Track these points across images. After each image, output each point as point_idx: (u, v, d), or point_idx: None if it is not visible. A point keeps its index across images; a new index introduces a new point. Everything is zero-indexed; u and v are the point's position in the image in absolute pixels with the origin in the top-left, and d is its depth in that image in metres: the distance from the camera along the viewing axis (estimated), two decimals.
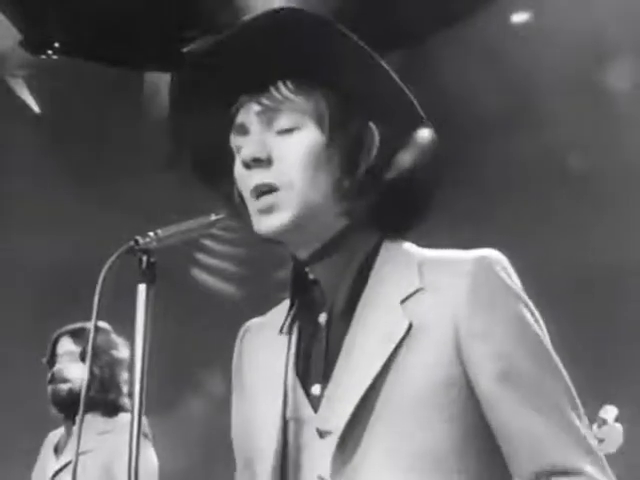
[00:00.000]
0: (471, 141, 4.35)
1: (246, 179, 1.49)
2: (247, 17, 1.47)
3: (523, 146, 4.70)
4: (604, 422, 3.42)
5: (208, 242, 5.53)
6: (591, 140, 4.68)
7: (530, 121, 4.71)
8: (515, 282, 1.46)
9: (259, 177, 1.47)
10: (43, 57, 5.08)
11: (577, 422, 1.42)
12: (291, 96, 1.48)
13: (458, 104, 4.28)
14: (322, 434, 1.44)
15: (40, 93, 5.38)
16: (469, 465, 1.42)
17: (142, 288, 1.48)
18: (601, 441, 3.39)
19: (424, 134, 1.51)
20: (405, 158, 1.50)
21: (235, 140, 1.52)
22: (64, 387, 3.77)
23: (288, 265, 1.56)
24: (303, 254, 1.52)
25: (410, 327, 1.43)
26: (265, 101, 1.48)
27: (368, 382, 1.41)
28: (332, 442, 1.42)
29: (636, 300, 4.47)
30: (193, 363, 5.18)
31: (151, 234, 1.52)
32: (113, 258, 1.49)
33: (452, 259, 1.47)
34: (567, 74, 4.66)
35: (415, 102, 1.52)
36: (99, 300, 1.51)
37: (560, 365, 1.44)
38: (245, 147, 1.49)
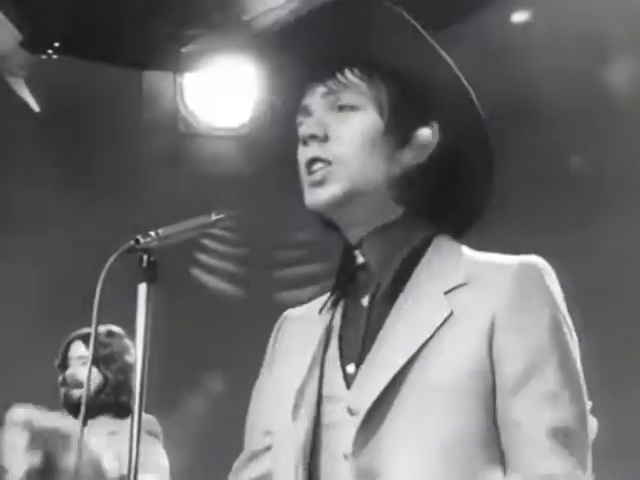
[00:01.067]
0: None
1: (303, 153, 1.55)
2: (314, 5, 1.54)
3: (522, 145, 4.70)
4: None
5: (208, 242, 5.52)
6: (591, 139, 4.68)
7: (529, 120, 4.71)
8: (558, 291, 1.50)
9: (313, 151, 1.53)
10: (43, 57, 5.08)
11: (585, 448, 1.44)
12: (356, 81, 1.54)
13: None
14: (352, 412, 1.46)
15: (40, 93, 5.37)
16: (488, 456, 1.43)
17: (143, 287, 1.49)
18: None
19: (481, 134, 1.56)
20: (460, 158, 1.55)
21: (299, 120, 1.58)
22: (77, 391, 3.78)
23: (288, 265, 1.58)
24: (355, 235, 1.56)
25: (450, 315, 1.46)
26: (331, 84, 1.54)
27: (399, 365, 1.44)
28: (357, 420, 1.44)
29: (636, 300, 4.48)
30: (193, 362, 5.17)
31: (152, 233, 1.53)
32: (114, 257, 1.50)
33: (499, 262, 1.51)
34: (567, 73, 4.66)
35: (475, 100, 1.57)
36: (100, 299, 1.51)
37: (583, 386, 1.47)
38: (305, 125, 1.55)
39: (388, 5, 1.52)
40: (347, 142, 1.52)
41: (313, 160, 1.53)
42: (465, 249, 1.56)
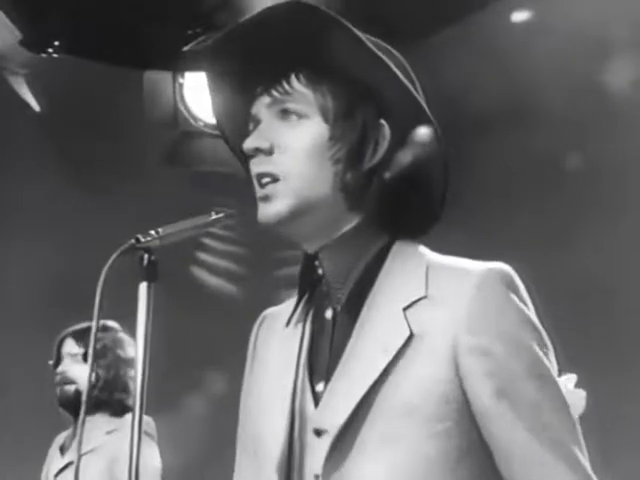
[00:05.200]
0: (469, 140, 4.36)
1: (252, 167, 1.52)
2: (256, 11, 1.49)
3: (522, 145, 4.70)
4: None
5: (208, 241, 5.53)
6: (591, 140, 4.68)
7: (529, 120, 4.71)
8: (522, 299, 1.45)
9: (261, 166, 1.50)
10: (43, 55, 5.07)
11: (576, 450, 1.42)
12: (300, 88, 1.50)
13: (457, 103, 4.29)
14: (318, 433, 1.45)
15: (40, 91, 5.37)
16: (459, 477, 1.41)
17: (143, 286, 1.49)
18: None
19: (430, 135, 1.51)
20: (411, 158, 1.51)
21: (250, 128, 1.54)
22: (70, 389, 3.77)
23: (288, 264, 1.58)
24: (312, 248, 1.53)
25: (410, 337, 1.43)
26: (275, 93, 1.51)
27: (364, 389, 1.42)
28: (326, 442, 1.43)
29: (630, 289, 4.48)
30: (193, 362, 5.18)
31: (152, 232, 1.53)
32: (114, 257, 1.50)
33: (460, 269, 1.47)
34: (567, 73, 4.66)
35: (422, 103, 1.53)
36: (100, 299, 1.52)
37: (560, 389, 1.44)
38: (250, 138, 1.51)
39: (324, 10, 1.47)
40: (293, 154, 1.48)
41: (261, 175, 1.49)
42: (426, 253, 1.52)
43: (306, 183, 1.48)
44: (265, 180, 1.49)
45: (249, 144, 1.50)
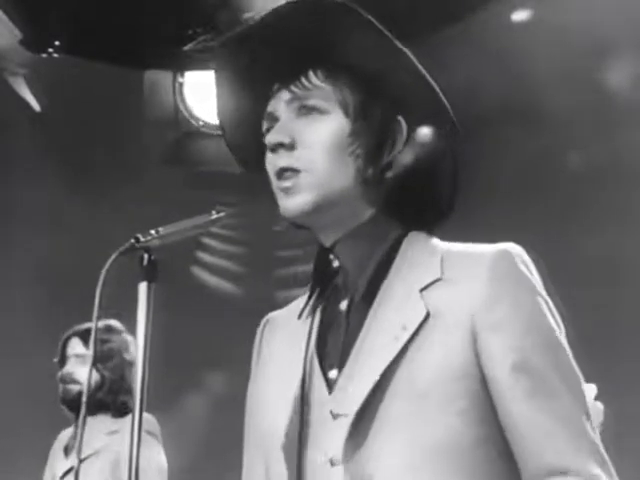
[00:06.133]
0: (470, 139, 4.35)
1: (272, 161, 1.53)
2: (273, 7, 1.50)
3: (523, 144, 4.70)
4: None
5: (208, 240, 5.53)
6: (591, 139, 4.68)
7: (530, 120, 4.71)
8: (534, 276, 1.49)
9: (283, 160, 1.51)
10: (44, 55, 5.07)
11: (587, 426, 1.43)
12: (320, 84, 1.52)
13: (458, 102, 4.28)
14: (335, 416, 1.46)
15: (40, 91, 5.37)
16: (477, 458, 1.43)
17: (143, 286, 1.49)
18: None
19: (445, 131, 1.55)
20: (424, 154, 1.54)
21: (265, 127, 1.56)
22: (74, 387, 3.77)
23: (288, 264, 1.58)
24: (329, 240, 1.55)
25: (427, 316, 1.45)
26: (295, 89, 1.52)
27: (382, 369, 1.43)
28: (344, 425, 1.44)
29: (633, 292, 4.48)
30: (193, 361, 5.18)
31: (152, 232, 1.54)
32: (114, 256, 1.50)
33: (473, 252, 1.50)
34: (567, 73, 4.66)
35: (441, 95, 1.55)
36: (100, 299, 1.52)
37: (574, 365, 1.46)
38: (272, 133, 1.52)
39: (345, 4, 1.48)
40: (315, 149, 1.50)
41: (282, 170, 1.51)
42: (438, 242, 1.55)
43: (328, 177, 1.50)
44: (287, 174, 1.51)
45: (271, 139, 1.51)
